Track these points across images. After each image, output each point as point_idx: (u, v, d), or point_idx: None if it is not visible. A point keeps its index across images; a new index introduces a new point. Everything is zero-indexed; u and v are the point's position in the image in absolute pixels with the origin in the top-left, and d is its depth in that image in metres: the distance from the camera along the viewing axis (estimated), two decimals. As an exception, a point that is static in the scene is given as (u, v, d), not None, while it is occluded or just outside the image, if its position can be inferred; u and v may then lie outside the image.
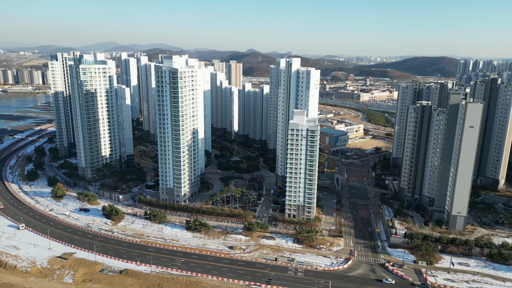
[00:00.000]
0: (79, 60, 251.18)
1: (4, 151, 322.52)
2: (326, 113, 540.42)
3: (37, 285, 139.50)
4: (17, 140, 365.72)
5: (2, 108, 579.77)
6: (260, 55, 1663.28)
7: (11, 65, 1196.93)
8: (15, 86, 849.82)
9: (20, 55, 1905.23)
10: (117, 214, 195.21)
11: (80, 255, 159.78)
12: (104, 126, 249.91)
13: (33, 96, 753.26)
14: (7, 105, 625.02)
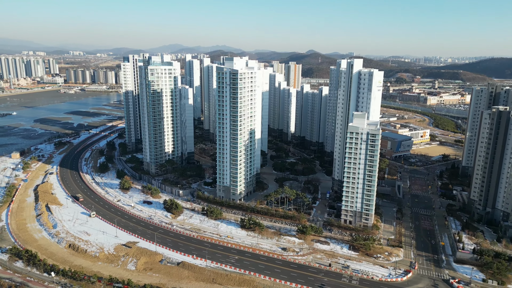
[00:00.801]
0: (147, 61, 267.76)
1: (81, 145, 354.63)
2: (389, 116, 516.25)
3: (104, 270, 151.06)
4: (92, 135, 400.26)
5: (80, 105, 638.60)
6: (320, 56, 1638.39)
7: (89, 66, 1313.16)
8: (92, 85, 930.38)
9: (97, 57, 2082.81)
10: (177, 208, 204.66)
11: (142, 245, 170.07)
12: (168, 124, 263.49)
13: (107, 95, 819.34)
14: (84, 102, 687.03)
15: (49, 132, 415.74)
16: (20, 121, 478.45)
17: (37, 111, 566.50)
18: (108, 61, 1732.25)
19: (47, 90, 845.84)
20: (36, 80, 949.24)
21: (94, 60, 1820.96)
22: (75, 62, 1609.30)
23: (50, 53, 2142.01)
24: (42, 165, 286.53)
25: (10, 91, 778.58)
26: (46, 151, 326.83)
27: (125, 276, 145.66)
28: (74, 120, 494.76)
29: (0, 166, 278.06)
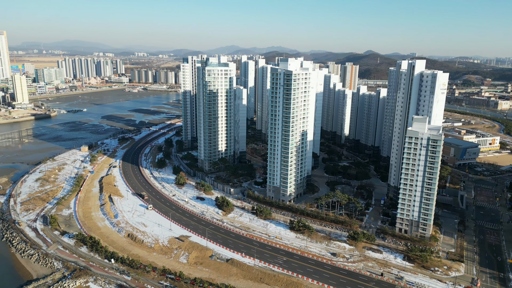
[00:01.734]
0: (205, 62, 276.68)
1: (141, 141, 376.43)
2: (453, 121, 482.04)
3: (158, 260, 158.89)
4: (151, 132, 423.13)
5: (142, 104, 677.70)
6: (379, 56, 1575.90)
7: (151, 66, 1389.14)
8: (153, 84, 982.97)
9: (159, 58, 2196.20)
10: (228, 206, 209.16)
11: (194, 239, 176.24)
12: (222, 124, 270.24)
13: (166, 94, 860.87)
14: (146, 101, 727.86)
15: (114, 128, 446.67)
16: (89, 117, 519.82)
17: (104, 108, 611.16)
18: (169, 62, 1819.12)
19: (114, 89, 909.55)
20: (104, 80, 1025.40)
21: (156, 61, 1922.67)
22: (139, 63, 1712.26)
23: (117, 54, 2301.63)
24: (107, 158, 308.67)
25: (82, 89, 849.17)
26: (111, 145, 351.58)
27: (177, 268, 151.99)
28: (136, 118, 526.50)
29: (71, 158, 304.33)
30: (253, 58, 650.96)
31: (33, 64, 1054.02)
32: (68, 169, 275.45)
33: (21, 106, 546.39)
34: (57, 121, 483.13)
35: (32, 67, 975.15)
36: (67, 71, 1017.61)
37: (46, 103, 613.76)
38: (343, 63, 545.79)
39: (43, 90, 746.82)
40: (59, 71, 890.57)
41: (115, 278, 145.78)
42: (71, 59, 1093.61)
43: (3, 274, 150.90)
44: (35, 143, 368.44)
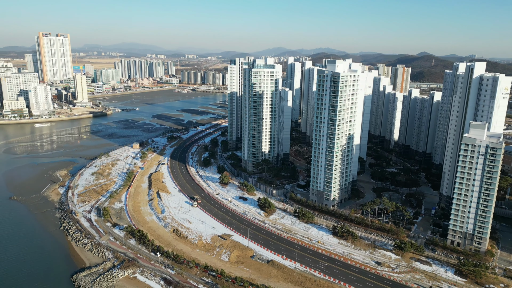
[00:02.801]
0: (252, 64, 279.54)
1: (189, 140, 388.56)
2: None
3: (201, 257, 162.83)
4: (198, 131, 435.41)
5: (191, 104, 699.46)
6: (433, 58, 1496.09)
7: (200, 68, 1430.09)
8: (202, 86, 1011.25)
9: (208, 60, 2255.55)
10: (270, 207, 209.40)
11: (236, 238, 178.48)
12: (266, 125, 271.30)
13: (213, 95, 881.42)
14: (194, 101, 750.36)
15: (164, 127, 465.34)
16: (141, 116, 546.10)
17: (155, 107, 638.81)
18: (217, 63, 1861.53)
19: (165, 89, 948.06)
20: (156, 80, 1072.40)
21: (205, 62, 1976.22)
22: (189, 64, 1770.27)
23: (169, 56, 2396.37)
24: (156, 156, 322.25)
25: (135, 89, 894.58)
26: (160, 143, 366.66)
27: (219, 266, 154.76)
28: (184, 117, 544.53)
29: (123, 154, 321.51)
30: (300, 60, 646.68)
31: (92, 65, 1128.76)
32: (121, 165, 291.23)
33: (81, 104, 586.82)
34: (112, 119, 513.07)
35: (92, 68, 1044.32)
36: (123, 72, 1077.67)
37: (103, 102, 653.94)
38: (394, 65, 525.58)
39: (100, 89, 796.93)
40: (115, 72, 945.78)
41: (160, 271, 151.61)
42: (126, 60, 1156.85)
43: (60, 260, 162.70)
44: (92, 139, 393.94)
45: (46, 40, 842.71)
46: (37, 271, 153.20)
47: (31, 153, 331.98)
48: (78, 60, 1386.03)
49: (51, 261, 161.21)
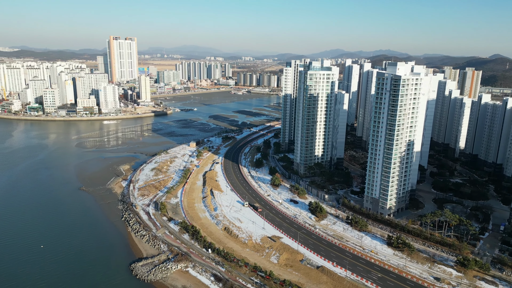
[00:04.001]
0: (308, 66, 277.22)
1: (242, 140, 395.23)
2: None
3: (250, 257, 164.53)
4: (252, 132, 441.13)
5: (245, 105, 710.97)
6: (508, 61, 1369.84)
7: (256, 70, 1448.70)
8: (257, 87, 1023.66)
9: (264, 62, 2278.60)
10: (321, 212, 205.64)
11: (285, 241, 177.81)
12: (320, 128, 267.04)
13: (268, 97, 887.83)
14: (249, 103, 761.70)
15: (219, 127, 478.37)
16: (198, 116, 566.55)
17: (212, 108, 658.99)
18: (273, 66, 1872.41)
19: (221, 91, 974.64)
20: (213, 82, 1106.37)
21: (261, 65, 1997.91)
22: (245, 67, 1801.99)
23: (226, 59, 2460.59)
24: (211, 155, 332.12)
25: (194, 91, 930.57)
26: (215, 143, 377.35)
27: (268, 267, 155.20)
28: (239, 118, 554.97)
29: (181, 152, 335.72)
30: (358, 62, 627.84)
31: (156, 67, 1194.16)
32: (178, 162, 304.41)
33: (144, 104, 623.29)
34: (171, 118, 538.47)
35: (155, 70, 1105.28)
36: (183, 74, 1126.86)
37: (164, 101, 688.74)
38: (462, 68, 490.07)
39: (162, 90, 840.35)
40: (176, 73, 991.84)
41: (211, 268, 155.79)
42: (186, 62, 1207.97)
43: (120, 248, 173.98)
44: (153, 136, 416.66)
45: (115, 43, 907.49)
46: (100, 256, 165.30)
47: (99, 147, 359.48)
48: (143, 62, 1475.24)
49: (112, 249, 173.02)
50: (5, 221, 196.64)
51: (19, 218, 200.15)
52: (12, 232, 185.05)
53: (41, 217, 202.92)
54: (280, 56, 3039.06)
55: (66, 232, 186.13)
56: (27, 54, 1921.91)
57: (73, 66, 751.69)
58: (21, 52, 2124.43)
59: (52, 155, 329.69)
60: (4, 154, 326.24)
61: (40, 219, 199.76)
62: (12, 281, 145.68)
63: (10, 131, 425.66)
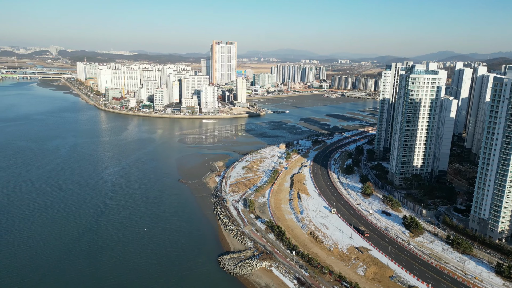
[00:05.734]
0: (410, 70, 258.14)
1: (333, 145, 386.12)
2: None
3: (335, 265, 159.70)
4: (343, 137, 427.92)
5: (338, 109, 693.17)
6: None
7: (352, 73, 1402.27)
8: (352, 91, 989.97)
9: (361, 65, 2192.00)
10: (417, 228, 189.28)
11: (374, 254, 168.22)
12: (421, 137, 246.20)
13: (363, 101, 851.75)
14: (342, 107, 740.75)
15: (309, 130, 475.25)
16: (290, 118, 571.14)
17: (303, 111, 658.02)
18: (371, 68, 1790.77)
19: (314, 94, 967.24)
20: (307, 85, 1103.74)
21: (358, 67, 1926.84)
22: (340, 70, 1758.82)
23: (322, 61, 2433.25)
24: (299, 157, 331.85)
25: (287, 93, 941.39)
26: (304, 146, 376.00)
27: (353, 278, 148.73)
28: (330, 122, 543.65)
29: (270, 153, 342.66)
30: (471, 66, 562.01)
31: (252, 70, 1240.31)
32: (267, 162, 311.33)
33: (239, 105, 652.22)
34: (264, 120, 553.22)
35: (252, 72, 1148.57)
36: (277, 76, 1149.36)
37: (257, 103, 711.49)
38: None
39: (257, 92, 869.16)
40: (271, 76, 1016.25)
41: (294, 270, 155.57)
42: (281, 65, 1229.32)
43: (210, 240, 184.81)
44: (246, 136, 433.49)
45: (217, 47, 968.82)
46: (192, 244, 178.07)
47: (197, 144, 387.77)
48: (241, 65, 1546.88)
49: (203, 239, 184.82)
50: (116, 204, 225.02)
51: (128, 202, 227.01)
52: (122, 213, 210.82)
53: (146, 203, 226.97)
54: (379, 58, 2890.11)
55: (165, 219, 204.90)
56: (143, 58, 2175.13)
57: (180, 69, 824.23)
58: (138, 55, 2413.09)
59: (158, 149, 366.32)
60: (120, 145, 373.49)
61: (144, 205, 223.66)
62: (119, 256, 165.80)
63: (126, 125, 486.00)
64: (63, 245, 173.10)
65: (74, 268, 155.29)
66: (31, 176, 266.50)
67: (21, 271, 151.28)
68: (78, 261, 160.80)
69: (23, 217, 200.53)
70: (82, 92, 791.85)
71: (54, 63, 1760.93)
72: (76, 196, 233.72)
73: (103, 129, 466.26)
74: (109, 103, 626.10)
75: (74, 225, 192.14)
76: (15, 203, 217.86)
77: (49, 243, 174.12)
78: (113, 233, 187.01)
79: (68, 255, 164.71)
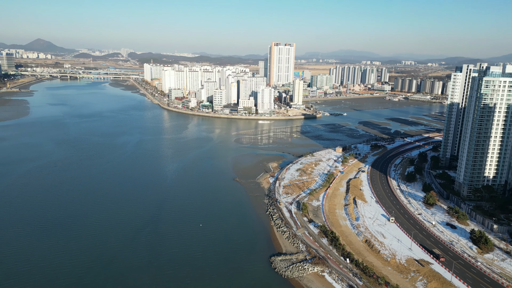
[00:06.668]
0: (484, 72, 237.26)
1: (393, 150, 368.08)
2: None
3: (392, 277, 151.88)
4: (405, 143, 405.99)
5: (401, 113, 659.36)
6: None
7: (417, 75, 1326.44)
8: (416, 94, 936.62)
9: (427, 67, 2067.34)
10: (486, 244, 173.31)
11: (436, 268, 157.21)
12: (495, 145, 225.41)
13: (429, 105, 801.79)
14: (405, 110, 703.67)
15: (368, 134, 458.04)
16: (347, 121, 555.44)
17: (362, 114, 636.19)
18: (438, 70, 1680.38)
19: (375, 96, 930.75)
20: (367, 87, 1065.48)
21: (424, 69, 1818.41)
22: (404, 71, 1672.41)
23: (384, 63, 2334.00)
24: (357, 162, 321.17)
25: (345, 95, 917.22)
26: (362, 150, 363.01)
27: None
28: (392, 126, 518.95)
29: (326, 156, 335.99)
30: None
31: (310, 71, 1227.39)
32: (322, 166, 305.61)
33: (295, 106, 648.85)
34: (320, 122, 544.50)
35: (309, 74, 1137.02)
36: (336, 78, 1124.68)
37: (314, 105, 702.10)
38: None
39: (314, 94, 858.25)
40: (329, 77, 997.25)
41: (347, 278, 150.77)
42: (341, 67, 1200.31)
43: (263, 240, 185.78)
44: (301, 138, 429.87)
45: (276, 49, 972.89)
46: (245, 242, 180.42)
47: (252, 144, 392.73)
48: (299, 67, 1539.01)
49: (256, 239, 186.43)
50: (175, 198, 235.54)
51: (185, 197, 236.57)
52: (180, 208, 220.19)
53: (202, 199, 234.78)
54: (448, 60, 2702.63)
55: (220, 216, 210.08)
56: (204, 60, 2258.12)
57: (238, 70, 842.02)
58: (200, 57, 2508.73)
59: (215, 147, 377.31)
60: (180, 143, 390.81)
61: (200, 201, 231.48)
62: (176, 248, 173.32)
63: (186, 124, 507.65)
64: (126, 234, 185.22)
65: (135, 256, 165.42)
66: (101, 169, 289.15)
67: (91, 255, 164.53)
68: (139, 249, 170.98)
69: (93, 205, 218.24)
70: (148, 91, 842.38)
71: (124, 65, 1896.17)
72: (139, 189, 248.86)
73: (166, 127, 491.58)
74: (171, 102, 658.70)
75: (136, 216, 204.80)
76: (87, 193, 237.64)
77: (115, 232, 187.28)
78: (171, 226, 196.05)
79: (131, 244, 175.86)
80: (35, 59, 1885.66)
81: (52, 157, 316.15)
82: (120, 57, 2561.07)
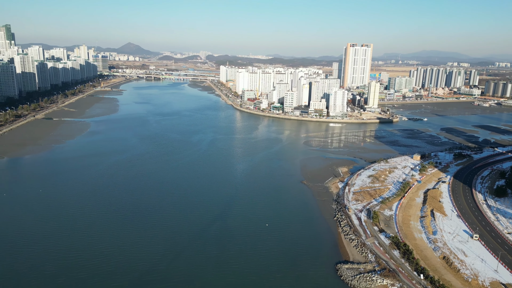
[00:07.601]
0: None
1: (480, 161, 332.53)
2: None
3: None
4: (496, 153, 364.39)
5: (492, 120, 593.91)
6: None
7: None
8: (511, 99, 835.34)
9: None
10: None
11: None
12: None
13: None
14: (497, 117, 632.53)
15: (451, 142, 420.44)
16: (428, 127, 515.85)
17: (446, 120, 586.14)
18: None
19: (461, 101, 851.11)
20: (452, 91, 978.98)
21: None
22: (498, 74, 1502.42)
23: (473, 65, 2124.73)
24: (436, 171, 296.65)
25: (426, 99, 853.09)
26: (443, 159, 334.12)
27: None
28: (480, 135, 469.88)
29: (402, 164, 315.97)
30: None
31: (388, 73, 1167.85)
32: (397, 173, 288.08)
33: (370, 110, 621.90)
34: (397, 127, 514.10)
35: (387, 76, 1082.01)
36: (417, 81, 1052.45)
37: (391, 109, 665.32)
38: None
39: (391, 97, 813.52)
40: (409, 80, 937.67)
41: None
42: (422, 69, 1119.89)
43: (329, 246, 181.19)
44: (374, 143, 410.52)
45: (352, 50, 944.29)
46: (309, 247, 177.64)
47: (322, 147, 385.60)
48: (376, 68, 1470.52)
49: (322, 244, 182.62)
50: (243, 196, 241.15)
51: (252, 197, 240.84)
52: (247, 206, 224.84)
53: (269, 199, 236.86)
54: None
55: (286, 218, 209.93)
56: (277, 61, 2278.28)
57: (311, 72, 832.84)
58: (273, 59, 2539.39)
59: (284, 149, 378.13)
60: (250, 143, 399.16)
61: (267, 201, 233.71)
62: (242, 245, 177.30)
63: (257, 124, 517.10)
64: (196, 227, 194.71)
65: (203, 250, 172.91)
66: (176, 164, 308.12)
67: (164, 245, 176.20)
68: (207, 244, 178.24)
69: (168, 198, 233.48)
70: (223, 92, 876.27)
71: (202, 67, 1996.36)
72: (209, 185, 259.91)
73: (238, 127, 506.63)
74: (244, 103, 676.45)
75: (206, 212, 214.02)
76: (163, 186, 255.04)
77: (186, 225, 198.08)
78: (238, 223, 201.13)
79: (200, 238, 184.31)
80: (125, 61, 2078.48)
81: (136, 151, 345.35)
82: (199, 59, 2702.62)
